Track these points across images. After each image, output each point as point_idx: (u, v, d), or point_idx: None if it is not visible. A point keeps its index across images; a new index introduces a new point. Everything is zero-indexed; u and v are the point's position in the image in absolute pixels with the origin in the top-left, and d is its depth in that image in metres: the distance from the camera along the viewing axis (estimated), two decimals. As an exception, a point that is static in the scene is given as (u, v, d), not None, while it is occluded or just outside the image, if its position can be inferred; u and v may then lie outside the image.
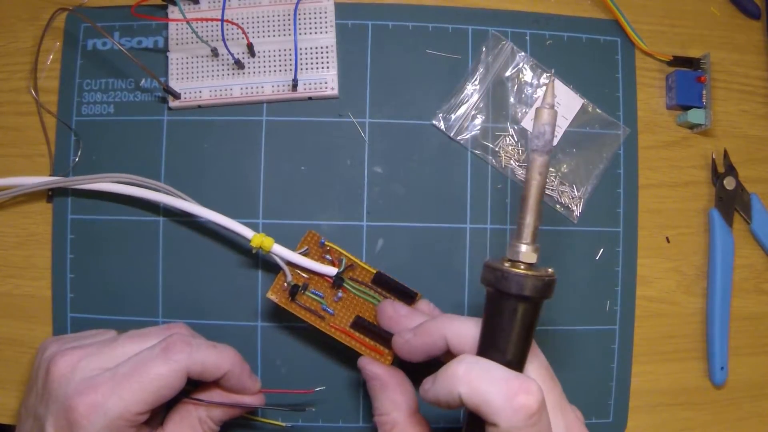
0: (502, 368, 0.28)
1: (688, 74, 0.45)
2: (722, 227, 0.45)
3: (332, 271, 0.39)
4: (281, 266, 0.39)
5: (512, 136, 0.45)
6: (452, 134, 0.44)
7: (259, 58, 0.43)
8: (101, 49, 0.44)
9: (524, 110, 0.45)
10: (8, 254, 0.43)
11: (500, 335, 0.29)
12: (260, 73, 0.43)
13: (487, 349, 0.30)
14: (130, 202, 0.43)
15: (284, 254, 0.38)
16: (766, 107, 0.48)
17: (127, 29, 0.44)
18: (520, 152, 0.44)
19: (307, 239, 0.40)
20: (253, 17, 0.43)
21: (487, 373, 0.28)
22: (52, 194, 0.43)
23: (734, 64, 0.48)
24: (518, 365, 0.30)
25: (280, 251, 0.38)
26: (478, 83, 0.45)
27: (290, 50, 0.43)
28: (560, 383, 0.31)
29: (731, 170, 0.46)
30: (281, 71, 0.43)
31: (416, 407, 0.36)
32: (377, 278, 0.40)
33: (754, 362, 0.46)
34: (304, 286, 0.39)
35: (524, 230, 0.30)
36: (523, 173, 0.44)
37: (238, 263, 0.43)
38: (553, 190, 0.45)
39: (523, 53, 0.45)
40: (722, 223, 0.45)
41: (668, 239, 0.46)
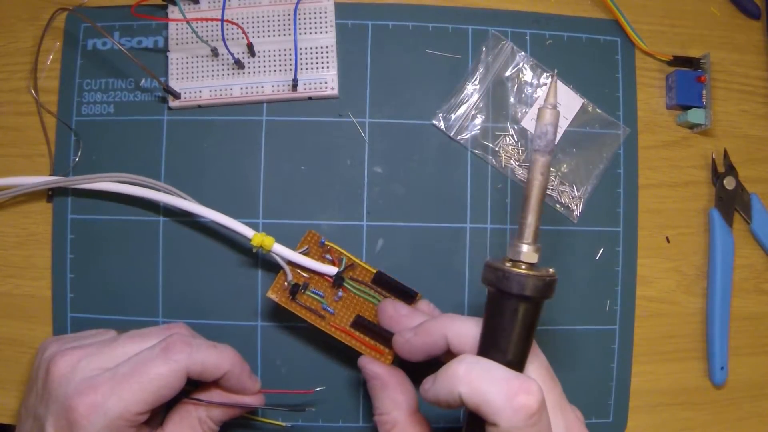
0: (502, 368, 0.28)
1: (688, 74, 0.45)
2: (722, 227, 0.45)
3: (333, 270, 0.39)
4: (282, 265, 0.39)
5: (512, 136, 0.45)
6: (452, 134, 0.44)
7: (259, 58, 0.43)
8: (101, 49, 0.44)
9: (524, 110, 0.45)
10: (8, 254, 0.43)
11: (501, 335, 0.29)
12: (260, 73, 0.43)
13: (487, 348, 0.30)
14: (130, 201, 0.43)
15: (285, 253, 0.38)
16: (766, 107, 0.48)
17: (127, 29, 0.44)
18: (520, 152, 0.44)
19: (307, 239, 0.40)
20: (253, 17, 0.43)
21: (487, 372, 0.28)
22: (52, 194, 0.43)
23: (734, 64, 0.48)
24: (519, 365, 0.30)
25: (280, 250, 0.38)
26: (478, 83, 0.45)
27: (290, 50, 0.43)
28: (560, 383, 0.31)
29: (731, 170, 0.46)
30: (281, 71, 0.43)
31: (417, 406, 0.36)
32: (377, 278, 0.40)
33: (754, 362, 0.46)
34: (304, 285, 0.39)
35: (525, 230, 0.30)
36: (523, 173, 0.44)
37: (238, 263, 0.43)
38: (553, 190, 0.45)
39: (523, 53, 0.45)
40: (722, 223, 0.45)
41: (668, 239, 0.46)
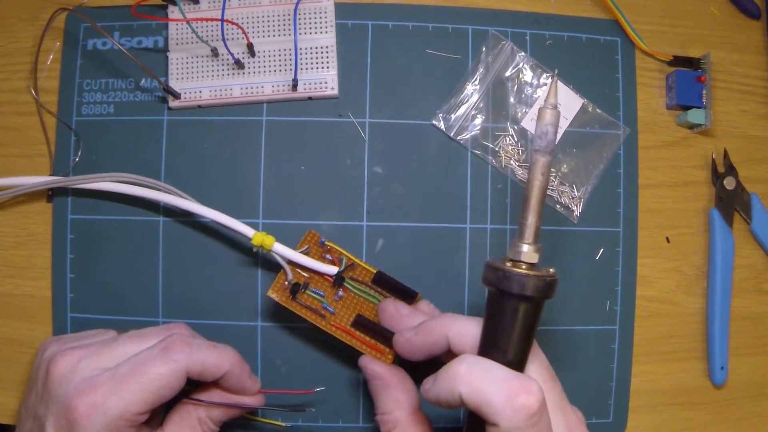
0: (503, 368, 0.28)
1: (688, 74, 0.45)
2: (722, 227, 0.45)
3: (333, 270, 0.39)
4: (282, 265, 0.39)
5: (512, 136, 0.45)
6: (452, 134, 0.44)
7: (259, 58, 0.43)
8: (101, 49, 0.44)
9: (524, 110, 0.45)
10: (8, 254, 0.43)
11: (501, 335, 0.29)
12: (260, 73, 0.43)
13: (488, 348, 0.30)
14: (130, 201, 0.43)
15: (285, 253, 0.38)
16: (766, 107, 0.48)
17: (127, 29, 0.44)
18: (520, 152, 0.44)
19: (307, 239, 0.40)
20: (253, 17, 0.43)
21: (488, 372, 0.28)
22: (52, 194, 0.43)
23: (734, 64, 0.48)
24: (519, 365, 0.30)
25: (281, 250, 0.38)
26: (478, 83, 0.45)
27: (290, 50, 0.43)
28: (560, 383, 0.31)
29: (731, 170, 0.46)
30: (281, 71, 0.43)
31: (418, 406, 0.36)
32: (377, 278, 0.40)
33: (754, 362, 0.46)
34: (304, 284, 0.39)
35: (526, 230, 0.30)
36: (523, 173, 0.44)
37: (238, 263, 0.43)
38: (553, 190, 0.45)
39: (523, 53, 0.45)
40: (722, 223, 0.45)
41: (668, 239, 0.46)
